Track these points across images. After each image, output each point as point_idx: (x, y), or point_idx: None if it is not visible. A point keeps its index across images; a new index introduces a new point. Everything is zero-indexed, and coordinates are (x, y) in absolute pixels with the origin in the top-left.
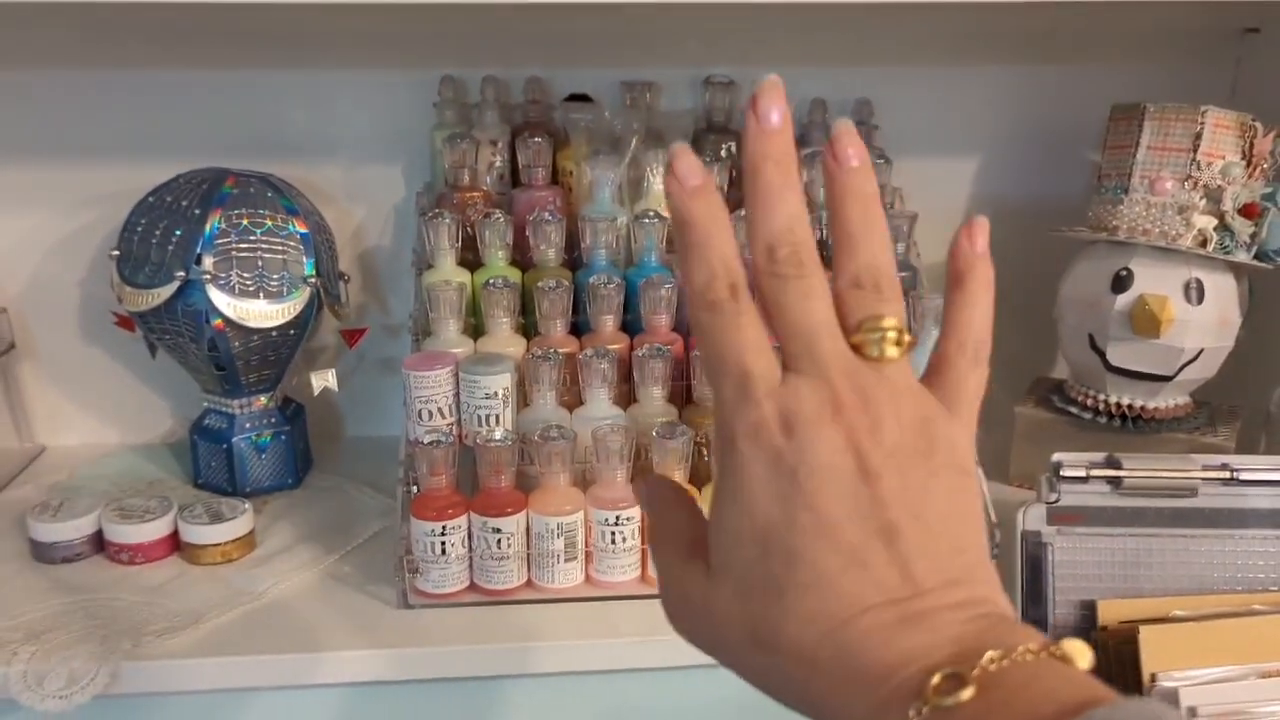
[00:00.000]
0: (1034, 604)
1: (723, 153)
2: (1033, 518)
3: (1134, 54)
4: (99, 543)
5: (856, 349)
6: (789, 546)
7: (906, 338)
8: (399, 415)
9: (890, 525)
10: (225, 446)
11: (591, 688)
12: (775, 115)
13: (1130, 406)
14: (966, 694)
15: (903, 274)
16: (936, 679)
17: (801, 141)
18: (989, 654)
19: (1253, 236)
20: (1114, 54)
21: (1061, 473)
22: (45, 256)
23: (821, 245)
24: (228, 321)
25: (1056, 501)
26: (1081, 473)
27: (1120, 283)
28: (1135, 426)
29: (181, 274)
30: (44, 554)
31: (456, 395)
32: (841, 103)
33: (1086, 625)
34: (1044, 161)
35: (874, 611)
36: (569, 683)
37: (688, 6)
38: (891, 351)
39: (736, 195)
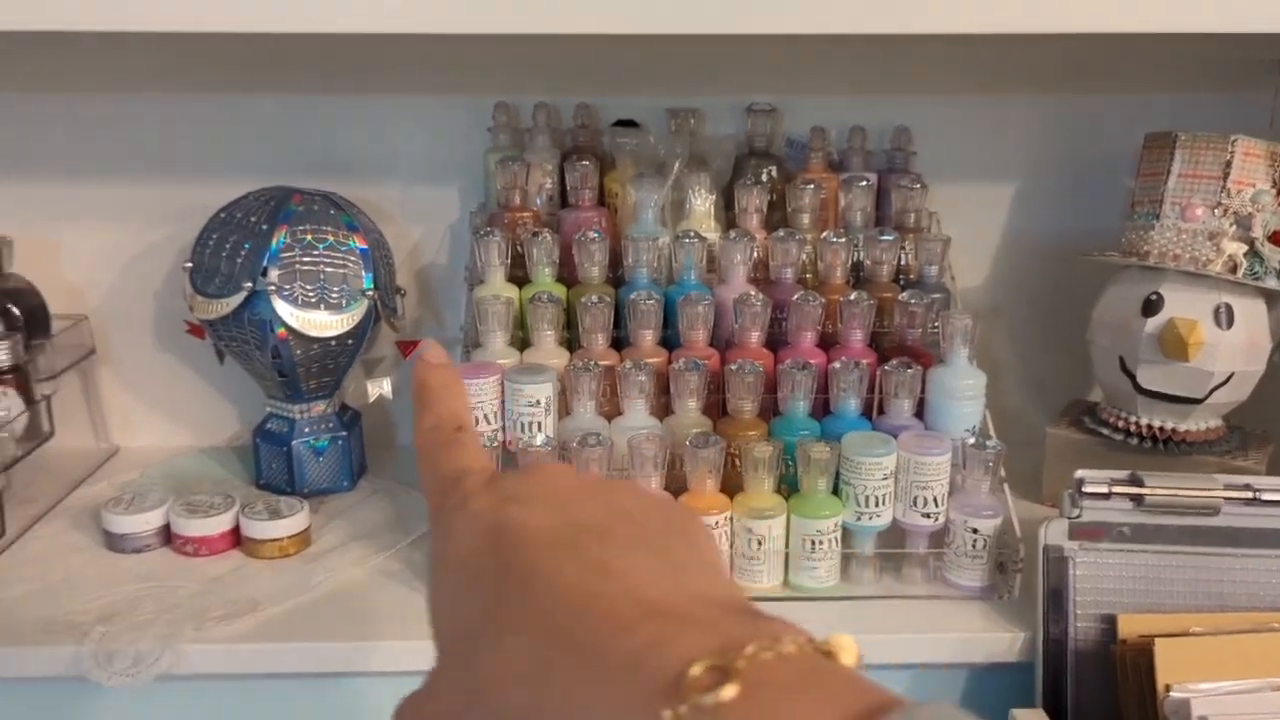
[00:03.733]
0: (1055, 617)
1: (763, 176)
2: (1054, 532)
3: (1171, 85)
4: (166, 535)
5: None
6: (500, 562)
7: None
8: None
9: (602, 528)
10: (285, 449)
11: None
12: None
13: (1161, 429)
14: (730, 691)
15: (936, 295)
16: (696, 670)
17: (840, 167)
18: (751, 645)
19: None
20: (1151, 86)
21: (1084, 489)
22: (124, 268)
23: (856, 267)
24: (290, 330)
25: (1078, 517)
26: (1104, 489)
27: (1150, 306)
28: (1166, 449)
29: (249, 285)
30: (116, 544)
31: (502, 403)
32: (880, 129)
33: (1106, 639)
34: (1080, 189)
35: (610, 600)
36: None
37: (731, 37)
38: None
39: (776, 217)
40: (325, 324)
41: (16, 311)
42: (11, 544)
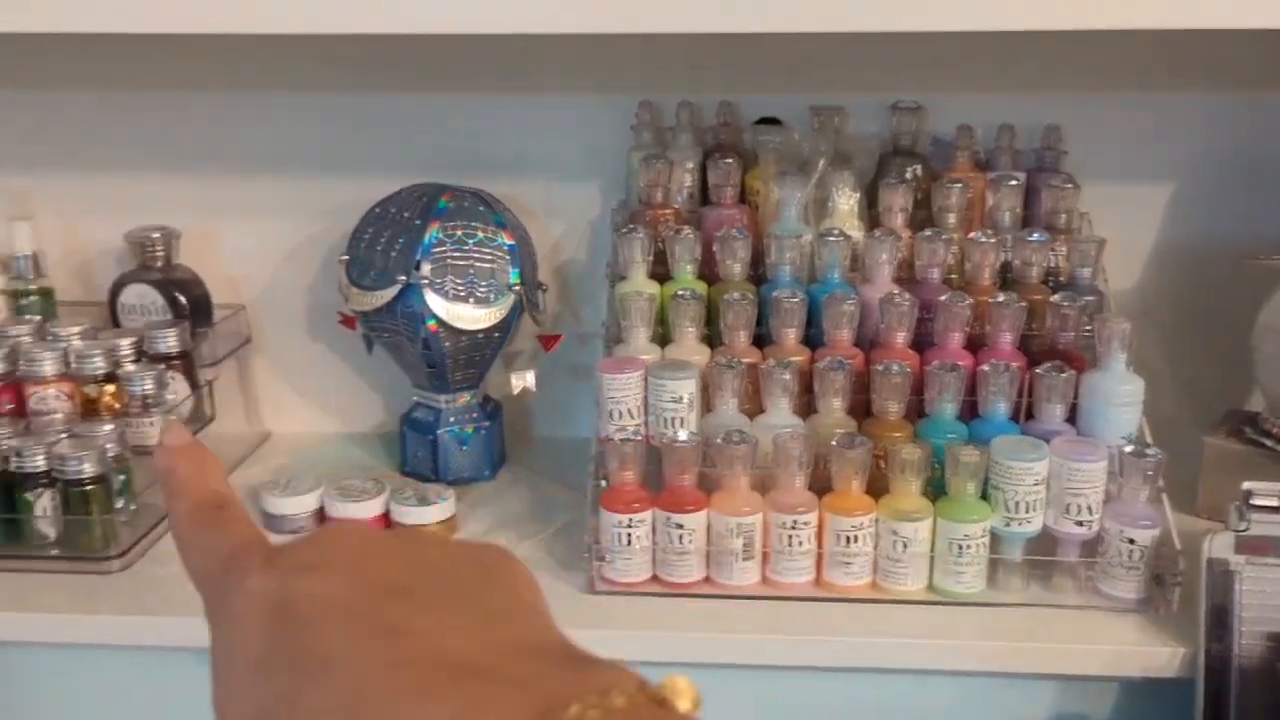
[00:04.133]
0: (1219, 634)
1: (908, 175)
2: (1220, 546)
3: None
4: (320, 518)
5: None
6: (292, 647)
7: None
8: (585, 418)
9: (405, 586)
10: (431, 438)
11: (762, 682)
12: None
13: None
14: None
15: (1089, 298)
16: None
17: (987, 166)
18: (576, 705)
19: None
20: None
21: (1252, 501)
22: (281, 261)
23: (1004, 268)
24: (441, 323)
25: (1246, 530)
26: (1273, 502)
27: None
28: None
29: (402, 278)
30: (274, 525)
31: (645, 398)
32: (1030, 128)
33: (1273, 657)
34: (1242, 192)
35: (417, 668)
36: (741, 676)
37: (876, 35)
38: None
39: (920, 216)
40: (473, 317)
41: (183, 300)
42: None
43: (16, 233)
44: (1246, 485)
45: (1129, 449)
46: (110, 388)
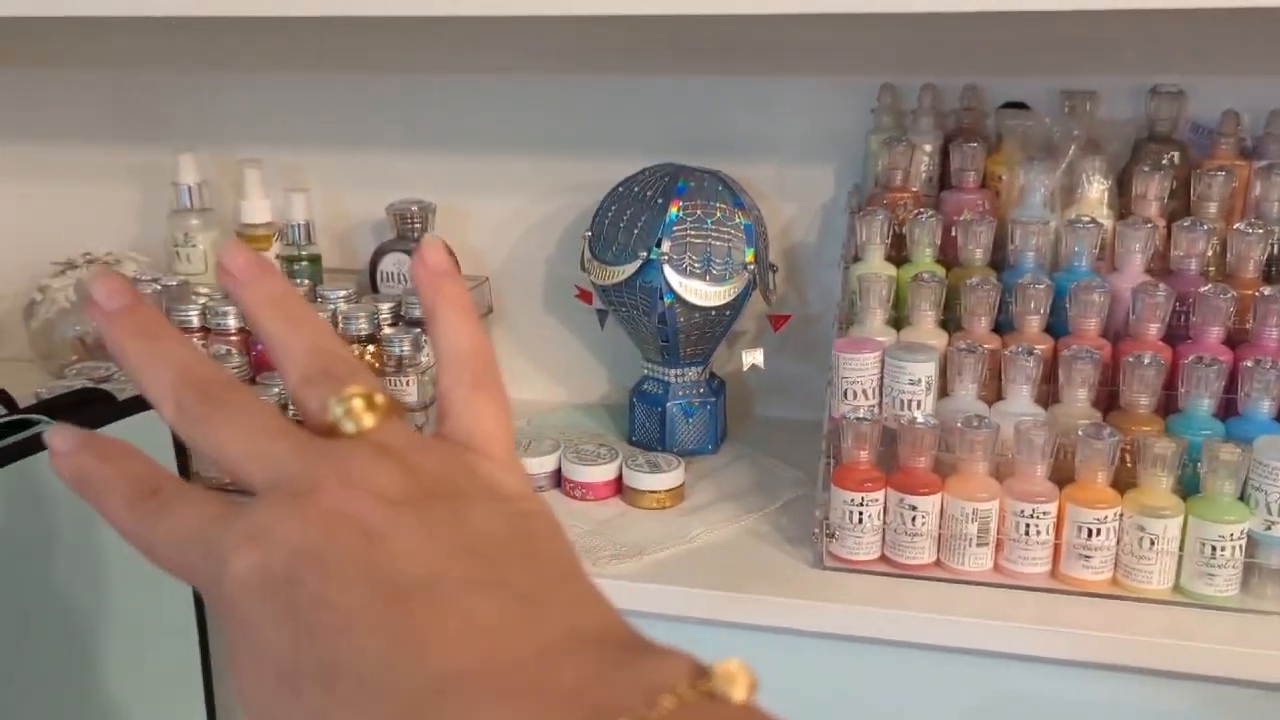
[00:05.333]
0: None
1: (1164, 161)
2: None
3: None
4: (557, 479)
5: (331, 435)
6: (318, 659)
7: (380, 399)
8: (807, 399)
9: (424, 578)
10: (660, 410)
11: (989, 669)
12: (114, 300)
13: None
14: None
15: None
16: None
17: (1254, 154)
18: (625, 718)
19: None
20: None
21: None
22: (523, 236)
23: (1269, 261)
24: (678, 299)
25: None
26: None
27: None
28: None
29: (644, 254)
30: None
31: (880, 379)
32: None
33: None
34: None
35: (453, 682)
36: (968, 660)
37: (1132, 13)
38: (367, 420)
39: (1173, 206)
40: (708, 294)
41: None
42: None
43: (293, 203)
44: None
45: None
46: (371, 348)
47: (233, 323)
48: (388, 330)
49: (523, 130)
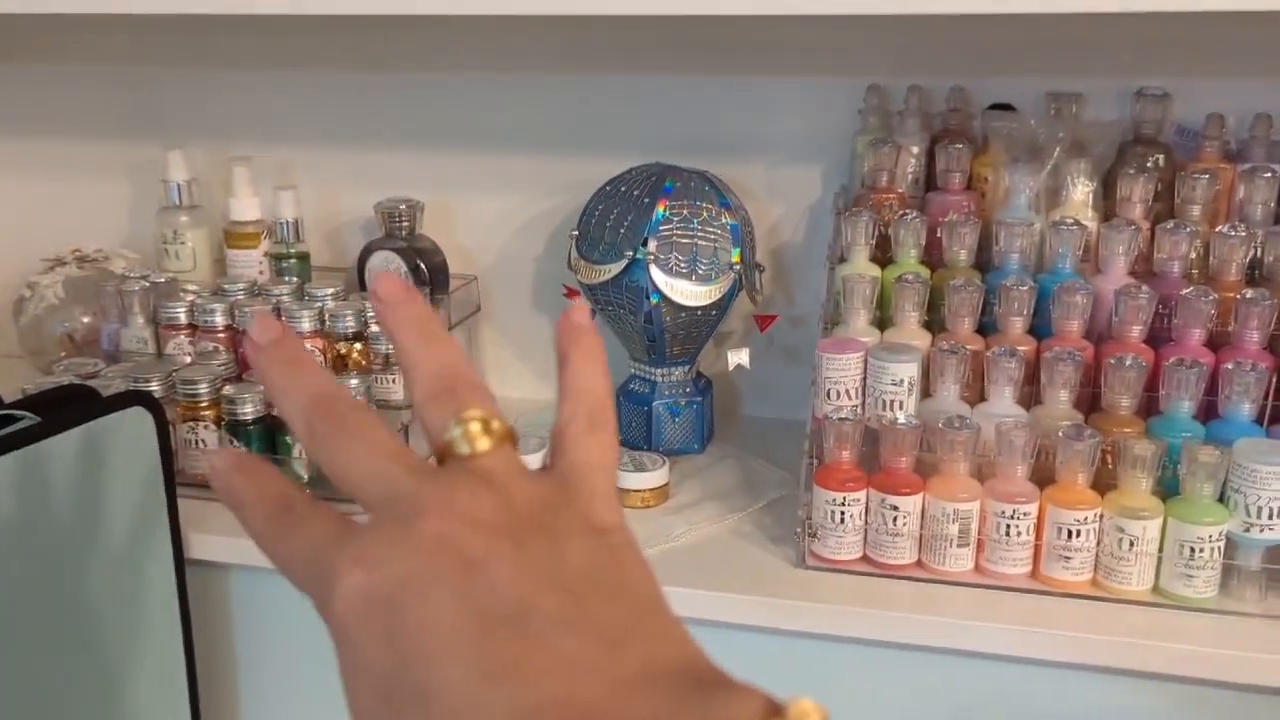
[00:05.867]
0: None
1: (1149, 164)
2: None
3: None
4: None
5: (444, 455)
6: (412, 683)
7: (496, 424)
8: (792, 400)
9: (515, 610)
10: (646, 409)
11: (969, 669)
12: (265, 335)
13: None
14: None
15: None
16: None
17: (1238, 157)
18: None
19: None
20: None
21: None
22: (512, 234)
23: (1252, 265)
24: (664, 298)
25: None
26: None
27: None
28: None
29: (630, 254)
30: None
31: (863, 380)
32: None
33: None
34: None
35: (538, 714)
36: (948, 661)
37: (1118, 16)
38: (482, 444)
39: (1158, 208)
40: (694, 294)
41: (424, 268)
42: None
43: (281, 200)
44: None
45: None
46: (358, 345)
47: (220, 320)
48: (375, 328)
49: (512, 129)
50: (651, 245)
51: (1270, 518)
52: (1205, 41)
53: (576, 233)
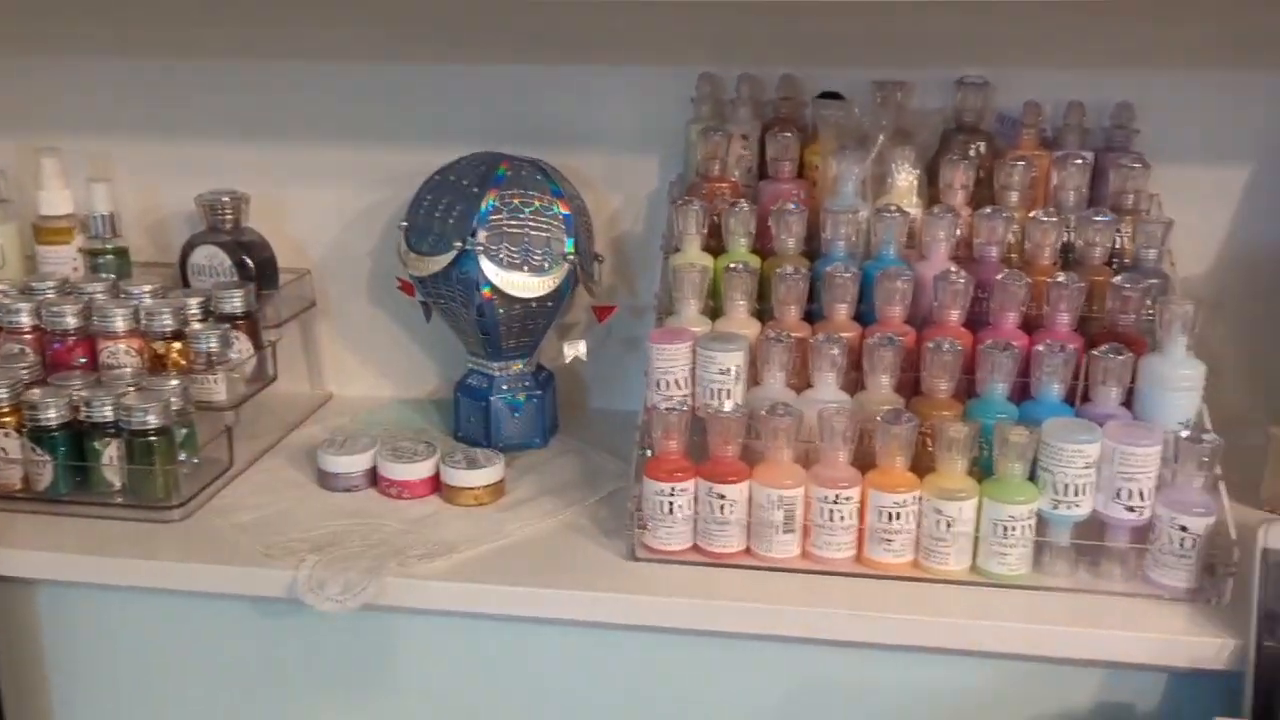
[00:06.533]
0: (1271, 626)
1: (970, 152)
2: (1276, 536)
3: None
4: (373, 477)
5: None
6: None
7: None
8: (639, 390)
9: None
10: (484, 404)
11: (798, 655)
12: None
13: None
14: None
15: (1154, 281)
16: None
17: (1054, 144)
18: None
19: None
20: None
21: None
22: (345, 227)
23: (1066, 248)
24: (495, 290)
25: None
26: None
27: None
28: None
29: (459, 244)
30: (328, 483)
31: (693, 369)
32: (1100, 105)
33: None
34: None
35: None
36: (777, 648)
37: (943, 5)
38: None
39: (981, 195)
40: (527, 285)
41: (250, 263)
42: (238, 476)
43: (95, 194)
44: None
45: (1185, 434)
46: (177, 345)
47: (26, 320)
48: (196, 326)
49: (344, 118)
50: (481, 236)
51: (1077, 494)
52: (1023, 32)
53: (406, 224)
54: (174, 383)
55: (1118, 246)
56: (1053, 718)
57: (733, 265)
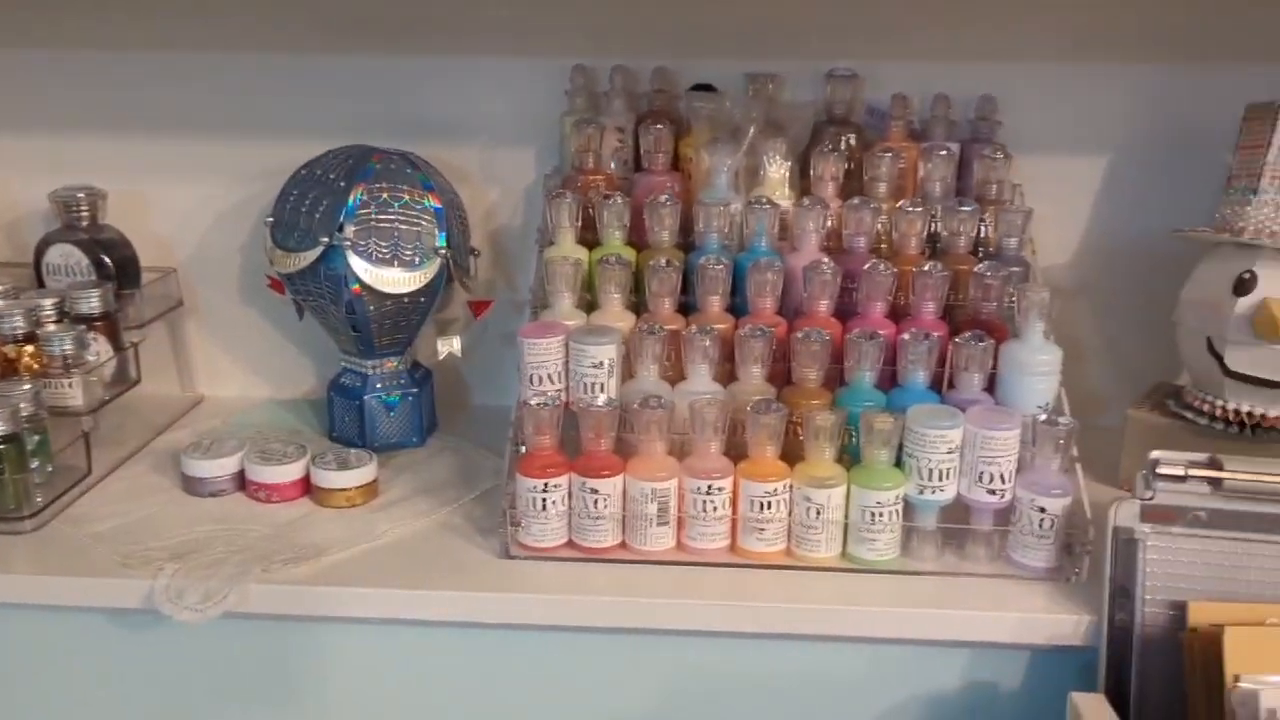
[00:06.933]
0: (1122, 602)
1: (842, 144)
2: (1125, 514)
3: (1276, 54)
4: (241, 481)
5: None
6: None
7: None
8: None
9: None
10: (358, 403)
11: (675, 647)
12: None
13: (1250, 414)
14: None
15: (1015, 269)
16: None
17: (922, 136)
18: None
19: None
20: (1255, 54)
21: (1159, 470)
22: (213, 224)
23: (933, 238)
24: (364, 286)
25: (1151, 499)
26: (1180, 471)
27: (1243, 285)
28: (1254, 435)
29: (325, 240)
30: (193, 488)
31: (566, 364)
32: (965, 98)
33: (1175, 626)
34: (1177, 164)
35: None
36: (654, 641)
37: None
38: None
39: (853, 186)
40: (398, 280)
41: (109, 261)
42: (97, 483)
43: None
44: (1154, 454)
45: (1042, 418)
46: (30, 348)
47: None
48: (51, 328)
49: (209, 111)
50: (349, 231)
51: (941, 479)
52: (892, 25)
53: (271, 220)
54: (26, 387)
55: (982, 236)
56: (922, 700)
57: (606, 258)
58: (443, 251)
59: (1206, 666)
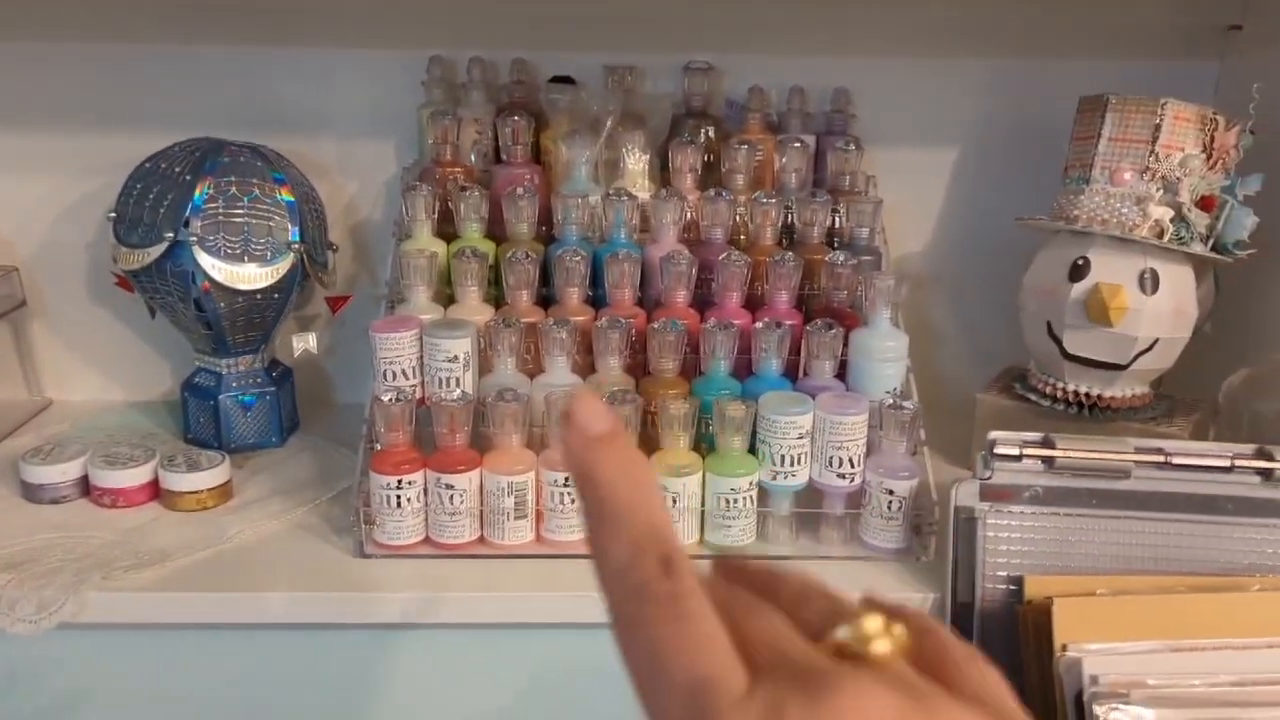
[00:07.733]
0: (964, 578)
1: (700, 136)
2: (965, 494)
3: (1117, 50)
4: (85, 487)
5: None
6: None
7: (896, 629)
8: None
9: None
10: (212, 403)
11: (535, 640)
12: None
13: (1087, 395)
14: None
15: (867, 258)
16: None
17: (779, 128)
18: None
19: (1209, 229)
20: (1097, 50)
21: (996, 450)
22: (56, 219)
23: (789, 229)
24: (213, 283)
25: (989, 478)
26: (1015, 451)
27: (1077, 271)
28: (1092, 415)
29: (170, 235)
30: (33, 495)
31: (421, 358)
32: (820, 91)
33: (1013, 600)
34: (1022, 155)
35: None
36: (516, 635)
37: None
38: (882, 646)
39: (712, 179)
40: (249, 276)
41: None
42: None
43: None
44: (991, 435)
45: (888, 403)
46: None
47: None
48: None
49: (51, 102)
50: (195, 226)
51: (794, 465)
52: (748, 18)
53: (114, 215)
54: None
55: (837, 226)
56: None
57: (461, 251)
58: (296, 246)
59: (1039, 637)
